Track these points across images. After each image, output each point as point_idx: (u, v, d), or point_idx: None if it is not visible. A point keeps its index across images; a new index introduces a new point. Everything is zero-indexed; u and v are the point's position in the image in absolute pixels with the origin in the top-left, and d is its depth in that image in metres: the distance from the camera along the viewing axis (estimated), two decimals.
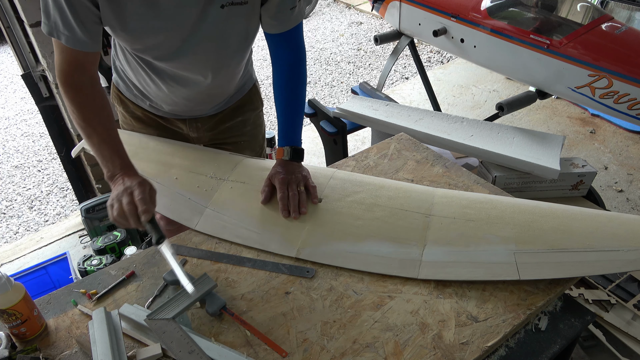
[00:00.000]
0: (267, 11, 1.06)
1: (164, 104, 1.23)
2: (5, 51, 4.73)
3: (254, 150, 1.44)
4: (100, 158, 1.00)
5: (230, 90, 1.27)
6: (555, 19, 2.16)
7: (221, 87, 1.22)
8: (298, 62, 1.15)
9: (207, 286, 0.90)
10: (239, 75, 1.25)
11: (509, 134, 1.66)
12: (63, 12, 0.91)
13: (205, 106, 1.26)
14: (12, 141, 3.46)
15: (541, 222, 1.02)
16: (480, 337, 0.84)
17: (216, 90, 1.21)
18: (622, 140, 2.92)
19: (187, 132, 1.33)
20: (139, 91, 1.23)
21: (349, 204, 1.12)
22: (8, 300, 0.82)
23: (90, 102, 1.01)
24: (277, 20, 1.07)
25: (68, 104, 1.01)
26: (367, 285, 0.95)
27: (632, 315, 1.38)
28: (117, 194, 0.94)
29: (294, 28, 1.10)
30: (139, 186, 0.94)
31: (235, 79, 1.24)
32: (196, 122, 1.31)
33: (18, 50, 2.01)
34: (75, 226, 2.45)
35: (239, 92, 1.32)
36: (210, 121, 1.32)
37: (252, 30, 1.11)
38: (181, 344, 0.80)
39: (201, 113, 1.29)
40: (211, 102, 1.26)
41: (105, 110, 1.03)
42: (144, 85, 1.19)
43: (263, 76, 4.12)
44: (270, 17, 1.07)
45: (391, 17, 2.74)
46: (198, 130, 1.33)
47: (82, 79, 1.00)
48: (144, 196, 0.93)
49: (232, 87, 1.26)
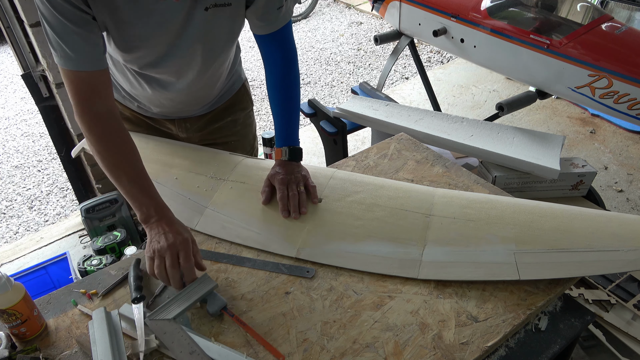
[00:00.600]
0: (254, 13, 1.04)
1: (152, 105, 1.23)
2: (5, 51, 4.73)
3: (245, 149, 1.44)
4: (131, 200, 0.95)
5: (216, 90, 1.26)
6: (555, 19, 2.16)
7: (207, 88, 1.21)
8: (289, 61, 1.14)
9: (208, 286, 0.90)
10: (224, 75, 1.24)
11: (509, 134, 1.66)
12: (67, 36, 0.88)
13: (192, 107, 1.26)
14: (12, 141, 3.46)
15: (541, 222, 1.02)
16: (480, 337, 0.84)
17: (202, 91, 1.21)
18: (622, 140, 2.92)
19: (176, 132, 1.33)
20: (127, 93, 1.23)
21: (349, 204, 1.12)
22: (8, 300, 0.82)
23: (114, 134, 0.96)
24: (264, 22, 1.06)
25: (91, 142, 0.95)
26: (367, 285, 0.95)
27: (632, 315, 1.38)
28: (160, 248, 0.89)
29: (282, 27, 1.09)
30: (184, 246, 0.90)
31: (221, 79, 1.23)
32: (185, 122, 1.31)
33: (18, 50, 2.00)
34: (75, 226, 2.45)
35: (227, 92, 1.31)
36: (200, 121, 1.32)
37: (236, 30, 1.10)
38: (182, 344, 0.80)
39: (189, 114, 1.29)
40: (198, 103, 1.25)
41: (130, 144, 0.98)
42: (130, 88, 1.19)
43: (263, 76, 4.11)
44: (258, 18, 1.05)
45: (391, 17, 2.74)
46: (187, 131, 1.33)
47: (99, 107, 0.95)
48: (190, 264, 0.89)
49: (218, 88, 1.26)
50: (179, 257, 0.89)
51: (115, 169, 0.96)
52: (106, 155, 0.95)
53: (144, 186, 0.97)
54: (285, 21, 1.08)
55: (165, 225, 0.93)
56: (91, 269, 1.83)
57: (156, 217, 0.94)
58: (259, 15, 1.05)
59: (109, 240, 1.99)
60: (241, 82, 1.36)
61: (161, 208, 0.96)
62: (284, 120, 1.17)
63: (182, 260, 0.89)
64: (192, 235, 0.94)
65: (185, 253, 0.89)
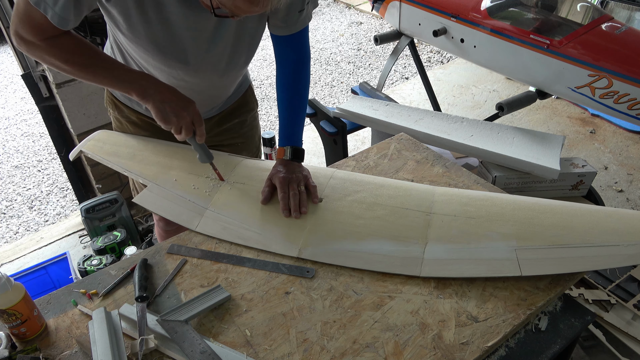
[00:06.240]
0: (276, 14, 1.06)
1: None
2: (5, 51, 4.73)
3: (250, 151, 1.44)
4: (119, 85, 1.01)
5: (229, 91, 1.27)
6: (555, 19, 2.16)
7: (223, 88, 1.22)
8: (302, 63, 1.16)
9: (221, 296, 0.92)
10: (242, 75, 1.25)
11: (509, 134, 1.66)
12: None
13: (203, 109, 1.26)
14: (12, 141, 3.46)
15: (541, 219, 1.03)
16: (480, 337, 0.84)
17: (218, 91, 1.21)
18: (622, 140, 2.92)
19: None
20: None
21: (349, 203, 1.12)
22: (8, 300, 0.82)
23: (70, 42, 0.98)
24: (285, 23, 1.08)
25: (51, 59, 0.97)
26: (367, 285, 0.95)
27: (632, 315, 1.38)
28: (173, 109, 1.00)
29: (300, 30, 1.11)
30: (192, 107, 1.02)
31: (238, 78, 1.24)
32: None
33: (18, 50, 2.00)
34: (75, 226, 2.45)
35: (235, 94, 1.32)
36: (207, 124, 1.31)
37: (260, 33, 1.12)
38: (193, 344, 0.81)
39: None
40: (210, 104, 1.26)
41: (86, 41, 1.01)
42: None
43: (263, 76, 4.12)
44: (279, 19, 1.08)
45: (391, 17, 2.74)
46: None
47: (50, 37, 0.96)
48: (200, 118, 1.04)
49: (232, 88, 1.26)
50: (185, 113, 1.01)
51: (89, 67, 1.00)
52: (73, 60, 0.98)
53: (124, 68, 1.03)
54: (304, 25, 1.11)
55: (165, 91, 1.01)
56: (91, 269, 1.84)
57: (153, 88, 1.00)
58: (280, 17, 1.07)
59: (109, 240, 1.99)
60: (248, 83, 1.36)
61: (152, 78, 1.02)
62: (290, 120, 1.18)
63: (194, 118, 1.03)
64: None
65: (194, 112, 1.03)
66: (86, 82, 1.03)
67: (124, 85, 1.01)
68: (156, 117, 1.01)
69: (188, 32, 0.99)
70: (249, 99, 1.37)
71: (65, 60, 0.98)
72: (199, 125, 1.05)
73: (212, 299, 0.90)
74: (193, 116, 1.03)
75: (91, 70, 1.01)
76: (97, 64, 1.01)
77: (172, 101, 1.01)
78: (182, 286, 0.96)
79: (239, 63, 1.16)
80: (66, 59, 0.98)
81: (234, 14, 0.85)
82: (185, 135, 1.04)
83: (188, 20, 0.97)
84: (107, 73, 1.01)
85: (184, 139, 1.05)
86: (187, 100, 1.03)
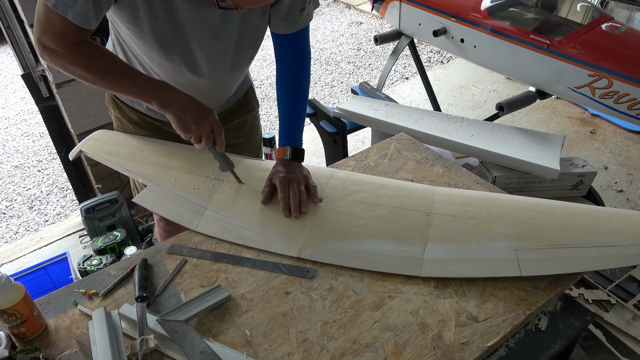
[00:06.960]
0: (277, 12, 1.07)
1: None
2: (5, 51, 4.73)
3: (251, 151, 1.44)
4: (139, 93, 1.01)
5: (231, 91, 1.27)
6: (555, 19, 2.16)
7: (225, 87, 1.22)
8: (303, 63, 1.16)
9: (221, 296, 0.91)
10: (244, 75, 1.25)
11: (509, 134, 1.66)
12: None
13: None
14: (12, 141, 3.46)
15: (541, 219, 1.03)
16: (480, 337, 0.84)
17: (220, 90, 1.22)
18: (622, 140, 2.92)
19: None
20: None
21: (349, 203, 1.12)
22: (8, 300, 0.82)
23: (93, 50, 0.98)
24: (286, 22, 1.09)
25: (73, 67, 0.97)
26: (367, 285, 0.95)
27: (632, 315, 1.38)
28: (193, 117, 1.00)
29: (301, 30, 1.12)
30: (211, 116, 1.03)
31: (240, 78, 1.24)
32: None
33: (18, 50, 2.01)
34: (75, 226, 2.45)
35: (236, 94, 1.32)
36: None
37: (263, 30, 1.13)
38: (193, 344, 0.81)
39: None
40: (211, 103, 1.25)
41: (108, 51, 1.01)
42: None
43: (263, 76, 4.12)
44: (280, 18, 1.08)
45: (391, 17, 2.74)
46: None
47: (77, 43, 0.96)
48: (220, 127, 1.04)
49: (234, 88, 1.27)
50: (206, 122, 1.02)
51: (110, 75, 1.00)
52: (95, 68, 0.99)
53: (144, 77, 1.02)
54: (305, 24, 1.11)
55: (187, 102, 1.01)
56: (91, 269, 1.83)
57: (173, 97, 1.01)
58: (282, 15, 1.07)
59: (109, 240, 1.99)
60: (249, 83, 1.36)
61: (172, 87, 1.02)
62: (290, 120, 1.18)
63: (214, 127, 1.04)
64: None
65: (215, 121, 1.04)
66: (106, 90, 1.03)
67: (145, 94, 1.01)
68: (176, 126, 1.01)
69: (192, 26, 0.99)
70: (250, 99, 1.37)
71: (88, 68, 0.98)
72: (219, 133, 1.04)
73: (212, 299, 0.90)
74: (213, 124, 1.03)
75: (112, 78, 1.00)
76: (118, 71, 1.00)
77: (192, 110, 1.01)
78: (182, 286, 0.96)
79: (244, 62, 1.16)
80: (88, 67, 0.98)
81: (237, 6, 0.85)
82: (205, 144, 1.03)
83: (193, 15, 0.97)
84: (128, 81, 1.01)
85: (203, 148, 1.05)
86: (206, 108, 1.03)
